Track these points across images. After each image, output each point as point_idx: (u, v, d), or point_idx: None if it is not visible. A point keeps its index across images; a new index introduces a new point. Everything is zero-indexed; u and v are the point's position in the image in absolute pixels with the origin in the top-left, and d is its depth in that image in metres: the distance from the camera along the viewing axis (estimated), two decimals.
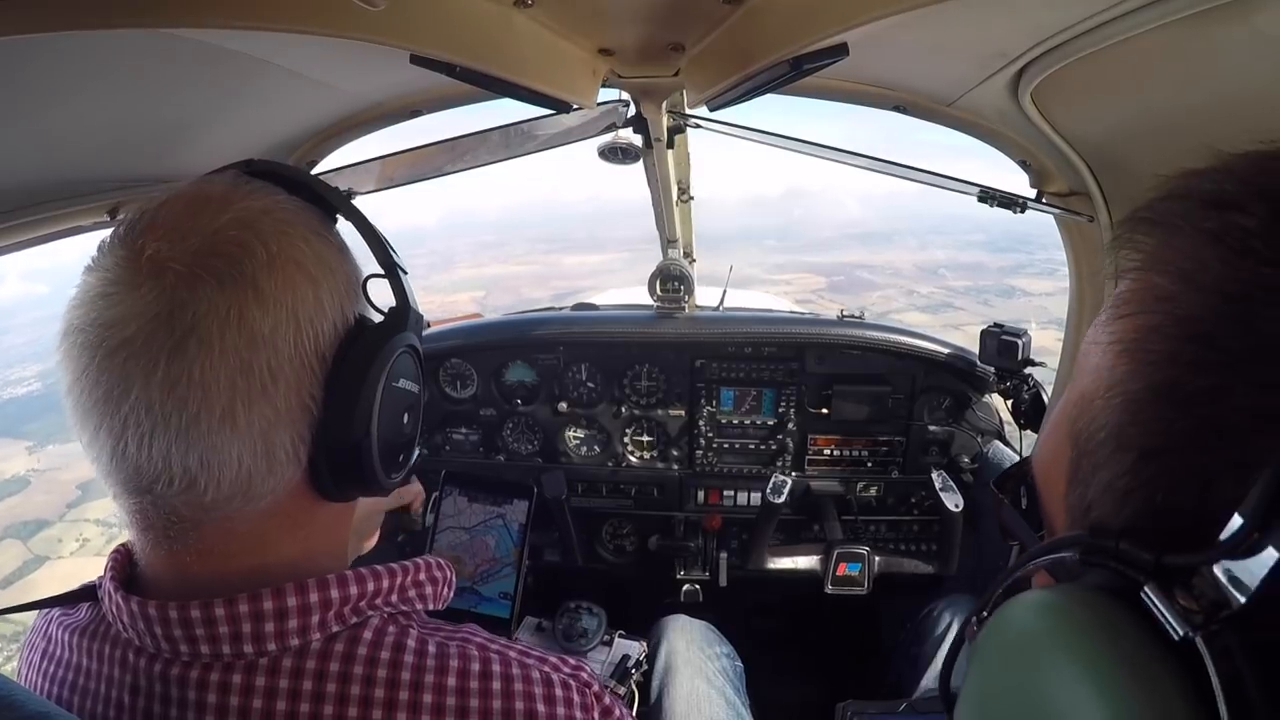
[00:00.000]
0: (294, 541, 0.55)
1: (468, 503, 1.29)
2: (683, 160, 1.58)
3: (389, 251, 0.60)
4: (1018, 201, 1.22)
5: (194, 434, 0.47)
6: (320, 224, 0.56)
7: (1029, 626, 0.30)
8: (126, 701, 0.52)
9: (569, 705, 0.55)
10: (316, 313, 0.52)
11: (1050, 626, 0.29)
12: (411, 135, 1.38)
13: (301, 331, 0.50)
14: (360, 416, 0.53)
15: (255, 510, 0.52)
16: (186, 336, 0.46)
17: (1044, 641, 0.29)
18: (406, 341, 0.58)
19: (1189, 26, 0.63)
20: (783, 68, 0.79)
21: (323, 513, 0.57)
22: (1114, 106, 0.91)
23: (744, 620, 1.67)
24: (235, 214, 0.51)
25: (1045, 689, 0.28)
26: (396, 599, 0.57)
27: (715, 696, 1.31)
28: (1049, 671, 0.28)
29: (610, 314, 1.94)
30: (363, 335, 0.54)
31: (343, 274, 0.55)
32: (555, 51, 0.91)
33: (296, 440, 0.51)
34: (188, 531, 0.51)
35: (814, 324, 1.73)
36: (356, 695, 0.51)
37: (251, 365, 0.48)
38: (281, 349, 0.49)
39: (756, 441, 1.76)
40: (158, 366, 0.46)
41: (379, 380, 0.54)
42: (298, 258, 0.52)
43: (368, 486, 0.56)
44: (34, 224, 0.89)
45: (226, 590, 0.51)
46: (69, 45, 0.61)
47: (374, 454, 0.55)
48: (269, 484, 0.51)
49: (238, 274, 0.48)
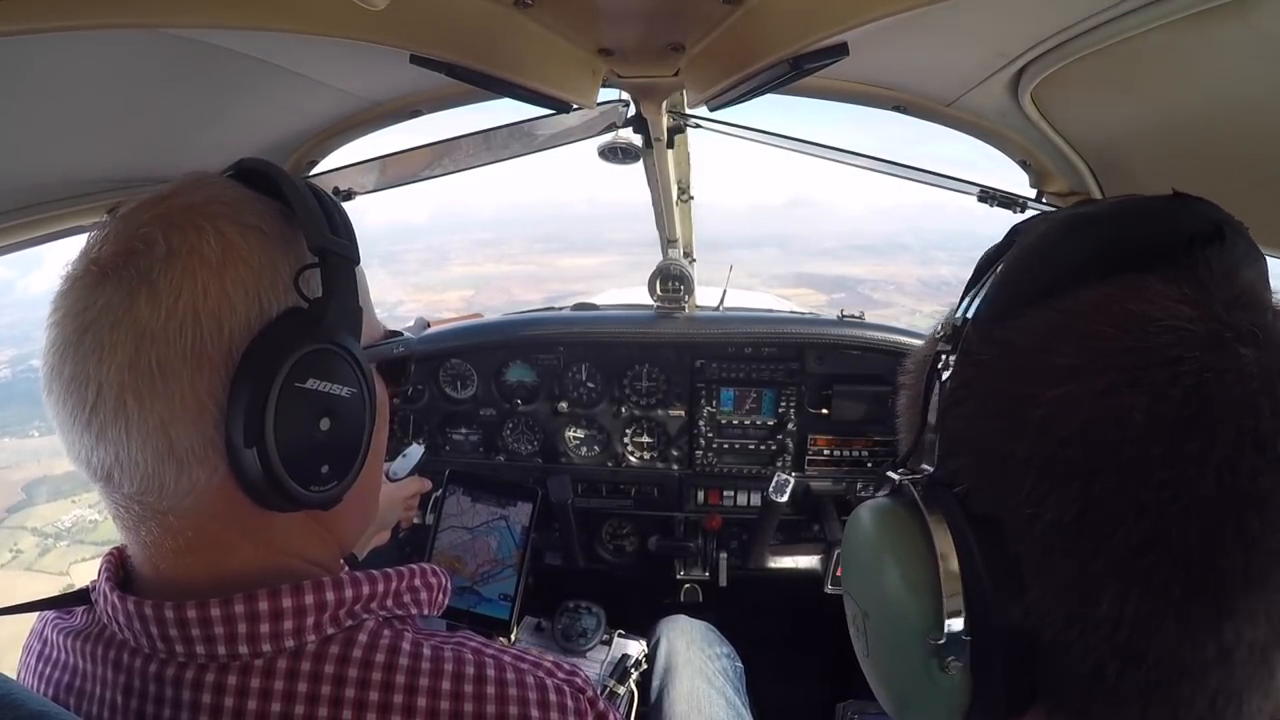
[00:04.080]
0: (254, 548, 0.55)
1: (471, 503, 1.29)
2: (683, 160, 1.58)
3: (322, 235, 0.53)
4: (1018, 201, 1.22)
5: (96, 428, 0.48)
6: (260, 215, 0.54)
7: (861, 513, 0.49)
8: (120, 702, 0.52)
9: (563, 711, 0.55)
10: (221, 306, 0.49)
11: (868, 510, 0.48)
12: (411, 135, 1.37)
13: (200, 326, 0.49)
14: (253, 419, 0.49)
15: (184, 509, 0.51)
16: (84, 333, 0.48)
17: (862, 514, 0.49)
18: (323, 337, 0.52)
19: (1189, 26, 0.63)
20: (783, 68, 0.79)
21: (281, 522, 0.55)
22: (1114, 106, 0.91)
23: (744, 620, 1.67)
24: (160, 210, 0.51)
25: (863, 533, 0.47)
26: (392, 603, 0.57)
27: (715, 696, 1.31)
28: (864, 526, 0.48)
29: (610, 314, 1.94)
30: (275, 331, 0.51)
31: (268, 265, 0.52)
32: (555, 51, 0.91)
33: (203, 441, 0.49)
34: (138, 523, 0.52)
35: (814, 324, 1.73)
36: (350, 698, 0.50)
37: (138, 361, 0.47)
38: (174, 343, 0.48)
39: (756, 442, 1.76)
40: (65, 363, 0.48)
41: (274, 379, 0.49)
42: (200, 250, 0.50)
43: (288, 497, 0.51)
44: (34, 224, 0.89)
45: (197, 591, 0.51)
46: (69, 45, 0.61)
47: (273, 462, 0.49)
48: (183, 484, 0.50)
49: (133, 270, 0.49)
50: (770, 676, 1.66)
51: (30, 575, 13.10)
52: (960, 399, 0.42)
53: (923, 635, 0.40)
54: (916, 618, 0.40)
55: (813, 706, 1.65)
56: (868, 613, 0.47)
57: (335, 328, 0.53)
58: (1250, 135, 0.76)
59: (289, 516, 0.54)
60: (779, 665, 1.83)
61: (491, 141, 1.36)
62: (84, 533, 13.79)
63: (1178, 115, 0.83)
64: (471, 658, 0.55)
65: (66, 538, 13.63)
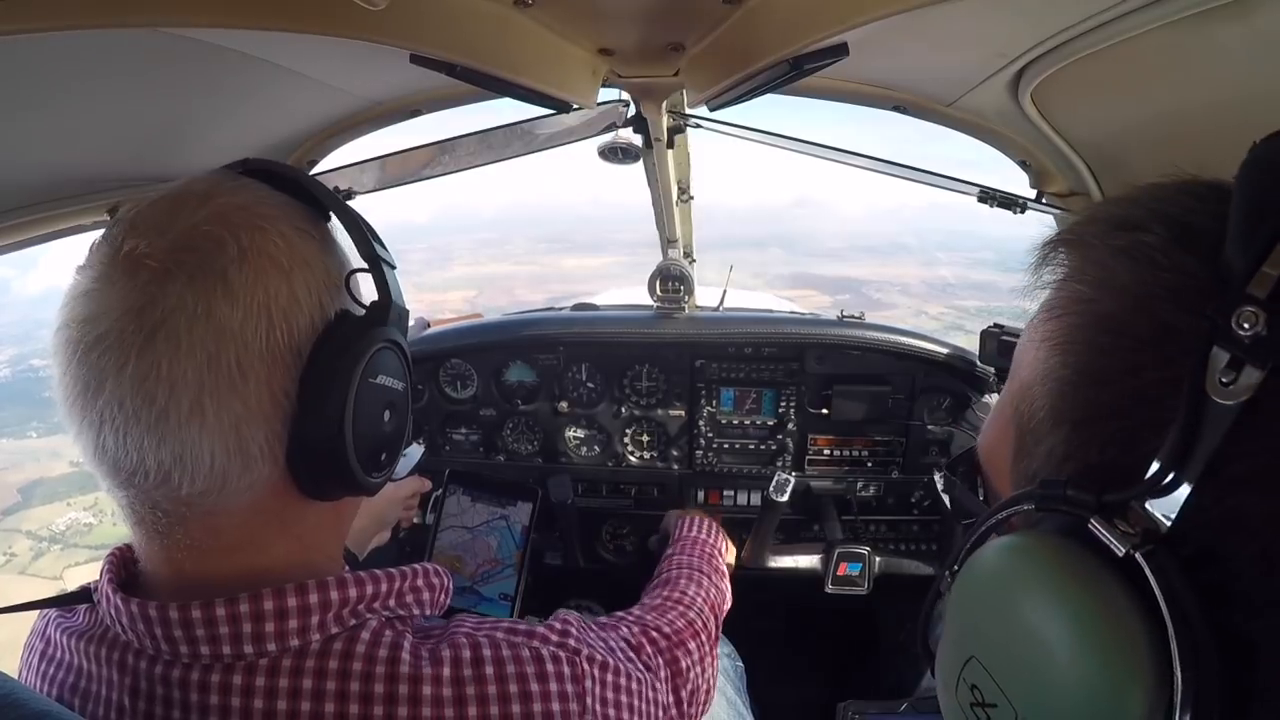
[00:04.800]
0: (286, 541, 0.55)
1: (471, 502, 1.29)
2: (683, 160, 1.58)
3: (371, 244, 0.58)
4: (1018, 202, 1.22)
5: (164, 428, 0.47)
6: (303, 219, 0.56)
7: (996, 567, 0.36)
8: (127, 704, 0.52)
9: (560, 679, 0.57)
10: (290, 307, 0.51)
11: (1015, 563, 0.35)
12: (411, 135, 1.37)
13: (274, 326, 0.50)
14: (333, 412, 0.51)
15: (237, 506, 0.51)
16: (155, 331, 0.47)
17: (1011, 575, 0.35)
18: (386, 336, 0.56)
19: (1189, 26, 0.63)
20: (783, 68, 0.79)
21: (313, 513, 0.56)
22: (1114, 106, 0.91)
23: (744, 620, 1.67)
24: (213, 209, 0.51)
25: (1019, 613, 0.34)
26: (394, 603, 0.58)
27: (716, 696, 1.31)
28: (1020, 598, 0.34)
29: (610, 314, 1.94)
30: (340, 330, 0.53)
31: (321, 268, 0.54)
32: (555, 51, 0.91)
33: (271, 436, 0.51)
34: (174, 526, 0.51)
35: (814, 324, 1.73)
36: (356, 691, 0.51)
37: (219, 360, 0.48)
38: (251, 343, 0.49)
39: (756, 441, 1.76)
40: (129, 362, 0.47)
41: (353, 375, 0.52)
42: (271, 252, 0.51)
43: (347, 485, 0.55)
44: (34, 223, 0.90)
45: (225, 590, 0.51)
46: (69, 45, 0.61)
47: (349, 451, 0.53)
48: (245, 480, 0.50)
49: (208, 269, 0.48)
50: (770, 676, 1.66)
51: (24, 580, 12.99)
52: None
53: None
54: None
55: (813, 706, 1.65)
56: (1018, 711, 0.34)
57: (394, 328, 0.58)
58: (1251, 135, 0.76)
59: (321, 509, 0.56)
60: (779, 665, 1.83)
61: (491, 141, 1.36)
62: (78, 536, 13.70)
63: (1178, 115, 0.83)
64: (466, 641, 0.56)
65: (61, 541, 13.54)
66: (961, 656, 0.37)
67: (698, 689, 0.82)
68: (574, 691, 0.58)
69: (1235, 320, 0.28)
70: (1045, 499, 0.35)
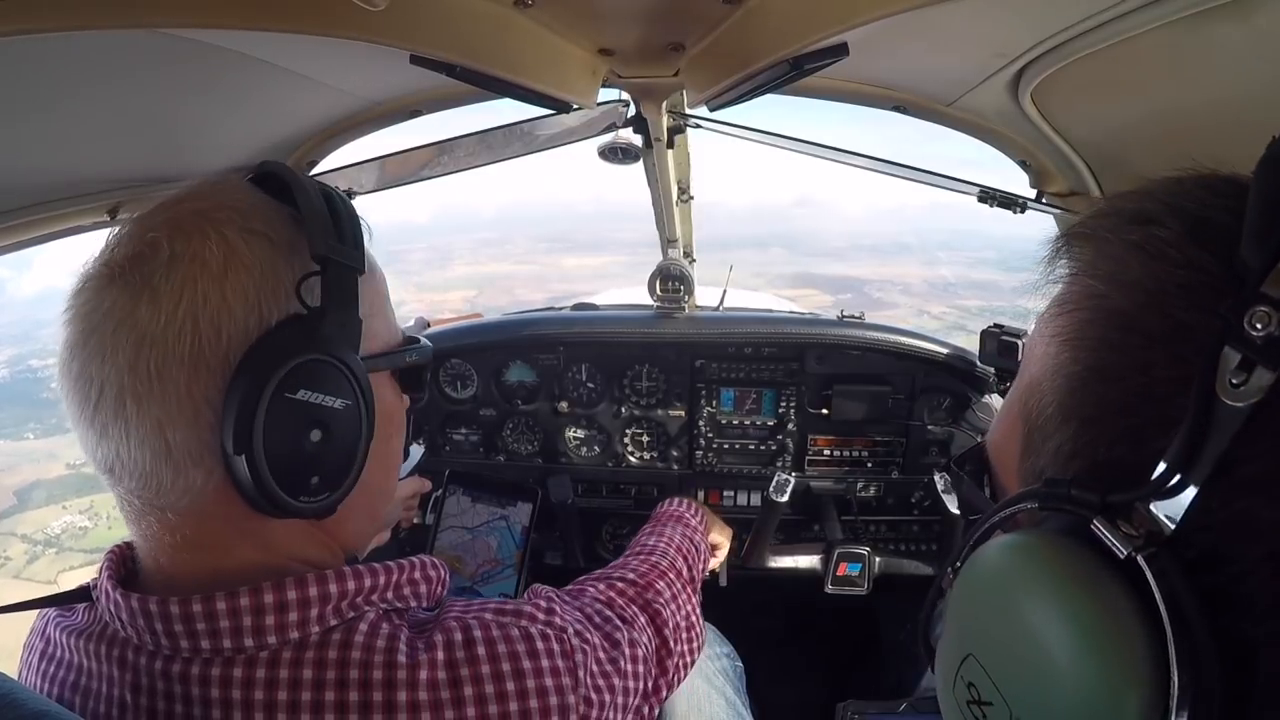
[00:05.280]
0: (252, 549, 0.55)
1: (471, 503, 1.29)
2: (683, 160, 1.58)
3: (325, 241, 0.52)
4: (1018, 201, 1.22)
5: (98, 426, 0.50)
6: (262, 220, 0.54)
7: (998, 565, 0.36)
8: (129, 700, 0.52)
9: (550, 656, 0.58)
10: (220, 313, 0.50)
11: (1017, 561, 0.35)
12: (411, 135, 1.37)
13: (199, 332, 0.49)
14: (242, 426, 0.48)
15: (183, 508, 0.52)
16: (89, 336, 0.50)
17: (1013, 574, 0.34)
18: (322, 347, 0.52)
19: (1189, 26, 0.63)
20: (783, 68, 0.79)
21: (280, 527, 0.55)
22: (1114, 106, 0.91)
23: (744, 620, 1.67)
24: (170, 214, 0.53)
25: (1018, 612, 0.33)
26: (391, 595, 0.58)
27: (715, 696, 1.31)
28: (1019, 597, 0.33)
29: (610, 314, 1.94)
30: (271, 339, 0.50)
31: (268, 272, 0.52)
32: (555, 51, 0.91)
33: (199, 444, 0.50)
34: (140, 516, 0.54)
35: (814, 324, 1.73)
36: (355, 679, 0.51)
37: (136, 364, 0.49)
38: (174, 348, 0.49)
39: (756, 442, 1.76)
40: (74, 361, 0.50)
41: (264, 389, 0.49)
42: (203, 257, 0.50)
43: (277, 505, 0.51)
44: (34, 224, 0.90)
45: (197, 588, 0.52)
46: (69, 45, 0.61)
47: (261, 470, 0.49)
48: (180, 484, 0.51)
49: (139, 274, 0.50)
50: (770, 676, 1.66)
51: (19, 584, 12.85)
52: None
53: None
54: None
55: (812, 706, 1.65)
56: (1013, 710, 0.33)
57: (332, 338, 0.53)
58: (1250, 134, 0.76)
59: (287, 521, 0.54)
60: (779, 665, 1.83)
61: (491, 141, 1.36)
62: (73, 539, 13.57)
63: (1178, 115, 0.83)
64: (456, 624, 0.57)
65: (55, 545, 13.42)
66: (960, 654, 0.37)
67: (679, 626, 0.83)
68: (565, 667, 0.58)
69: (1248, 320, 0.27)
70: (1050, 497, 0.35)
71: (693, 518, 1.14)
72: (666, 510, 1.16)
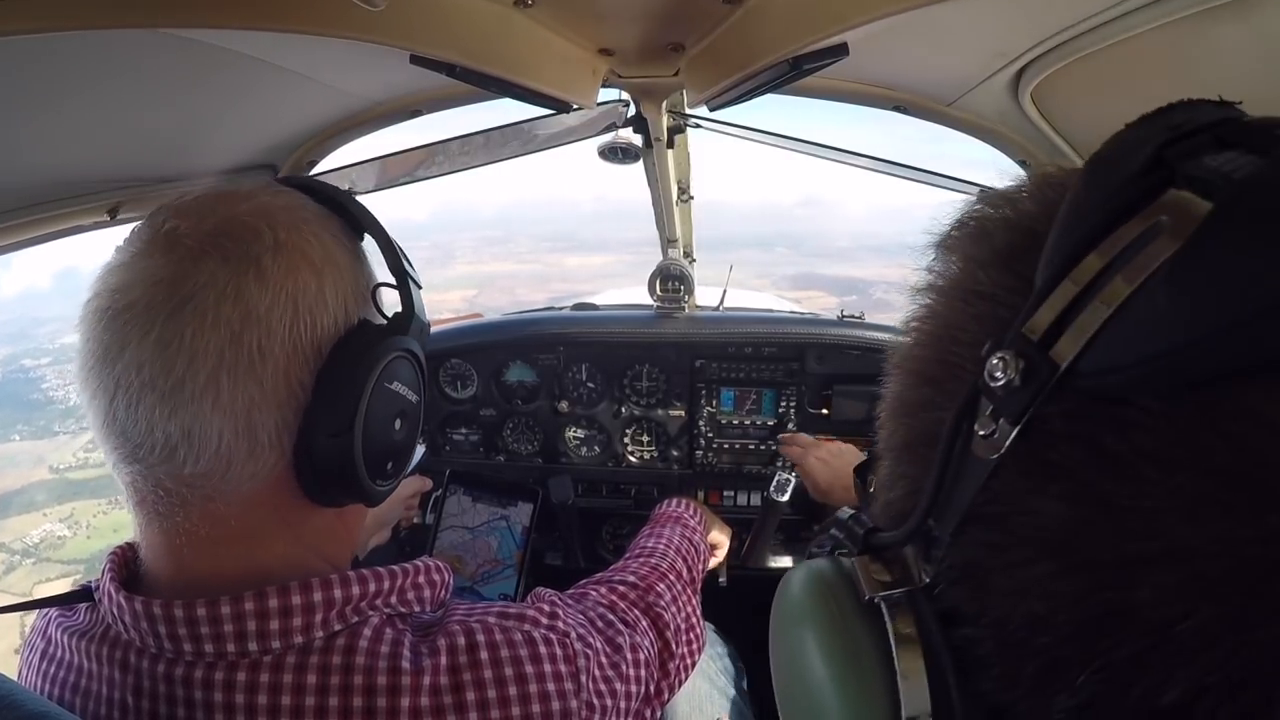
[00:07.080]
0: (287, 542, 0.56)
1: (471, 503, 1.29)
2: (683, 160, 1.58)
3: (401, 261, 0.61)
4: None
5: (177, 399, 0.48)
6: (338, 229, 0.58)
7: (782, 589, 0.37)
8: (130, 703, 0.52)
9: (553, 660, 0.58)
10: (317, 304, 0.52)
11: (797, 589, 0.35)
12: (411, 135, 1.37)
13: (299, 318, 0.51)
14: (344, 410, 0.52)
15: (238, 495, 0.52)
16: (185, 303, 0.48)
17: (792, 602, 0.35)
18: (405, 346, 0.57)
19: (1189, 26, 0.63)
20: (783, 68, 0.79)
21: (316, 516, 0.57)
22: (1114, 106, 0.91)
23: (744, 620, 1.67)
24: (256, 204, 0.54)
25: (782, 638, 0.36)
26: (396, 600, 0.58)
27: (716, 696, 1.31)
28: (784, 624, 0.35)
29: (610, 314, 1.94)
30: (361, 336, 0.54)
31: (350, 275, 0.56)
32: (555, 51, 0.91)
33: (281, 426, 0.51)
34: (175, 508, 0.52)
35: (814, 324, 1.73)
36: (359, 685, 0.51)
37: (242, 339, 0.49)
38: (275, 330, 0.50)
39: (757, 442, 1.76)
40: (153, 328, 0.48)
41: (369, 378, 0.53)
42: (305, 249, 0.53)
43: (350, 489, 0.55)
44: (34, 224, 0.89)
45: (224, 587, 0.51)
46: (69, 45, 0.61)
47: (356, 452, 0.53)
48: (249, 467, 0.51)
49: (243, 253, 0.50)
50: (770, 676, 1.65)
51: None
52: (1060, 490, 0.23)
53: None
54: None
55: None
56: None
57: (413, 340, 0.59)
58: None
59: (325, 514, 0.56)
60: None
61: (491, 141, 1.36)
62: (51, 550, 13.27)
63: None
64: (459, 628, 0.57)
65: (33, 555, 13.14)
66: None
67: (680, 628, 0.83)
68: (568, 671, 0.59)
69: (988, 368, 0.24)
70: (841, 527, 0.35)
71: (692, 518, 1.14)
72: (665, 511, 1.16)
